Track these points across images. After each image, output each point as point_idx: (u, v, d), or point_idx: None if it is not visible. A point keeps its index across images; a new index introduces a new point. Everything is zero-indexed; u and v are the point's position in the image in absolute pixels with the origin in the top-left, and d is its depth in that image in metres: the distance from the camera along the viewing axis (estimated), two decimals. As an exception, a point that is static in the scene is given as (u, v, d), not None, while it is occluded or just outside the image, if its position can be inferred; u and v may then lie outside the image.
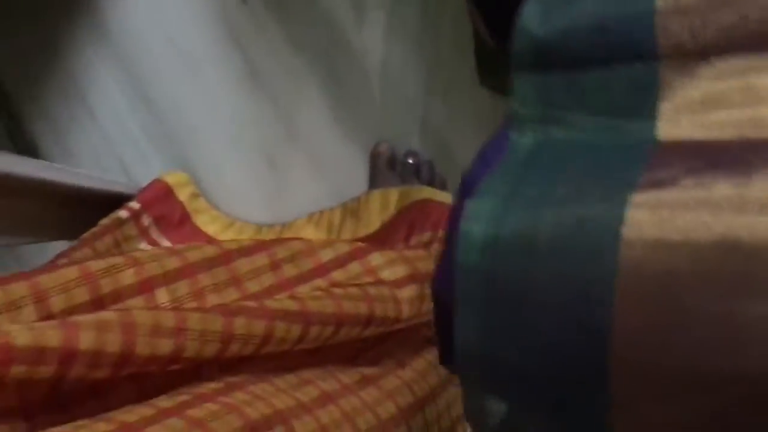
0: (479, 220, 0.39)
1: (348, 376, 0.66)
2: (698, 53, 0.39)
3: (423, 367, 0.76)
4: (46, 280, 0.53)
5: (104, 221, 0.94)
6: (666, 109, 0.39)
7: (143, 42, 1.09)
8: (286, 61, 1.07)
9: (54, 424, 0.47)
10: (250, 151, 1.10)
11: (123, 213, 0.96)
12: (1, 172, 0.80)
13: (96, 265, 0.57)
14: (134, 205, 0.98)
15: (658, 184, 0.35)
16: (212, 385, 0.56)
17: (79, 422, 0.47)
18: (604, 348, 0.34)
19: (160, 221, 0.99)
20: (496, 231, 0.38)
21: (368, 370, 0.69)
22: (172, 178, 1.05)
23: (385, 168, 1.04)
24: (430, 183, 1.03)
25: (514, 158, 0.43)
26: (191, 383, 0.57)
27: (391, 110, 1.07)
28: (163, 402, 0.52)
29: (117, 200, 0.99)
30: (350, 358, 0.71)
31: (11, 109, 1.12)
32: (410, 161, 1.04)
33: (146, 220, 0.98)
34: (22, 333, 0.45)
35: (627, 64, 0.41)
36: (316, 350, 0.68)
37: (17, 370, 0.45)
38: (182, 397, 0.53)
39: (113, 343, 0.49)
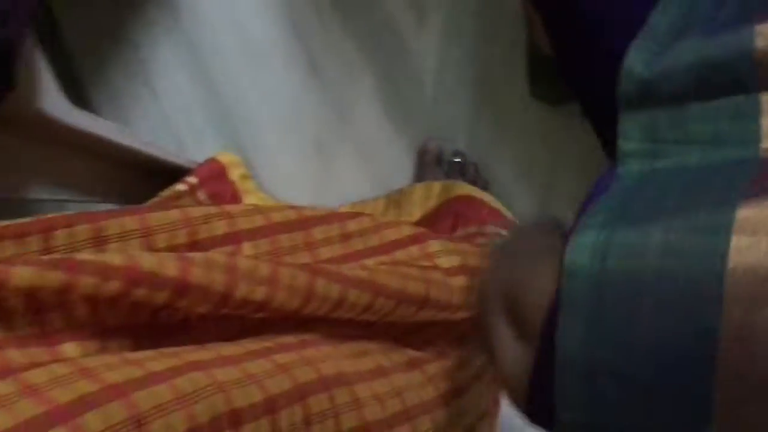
0: (590, 230, 0.40)
1: (397, 356, 0.69)
2: None
3: (460, 359, 0.78)
4: (153, 218, 0.56)
5: (164, 193, 0.97)
6: (765, 132, 0.41)
7: (210, 26, 1.12)
8: (345, 55, 1.11)
9: (153, 349, 0.50)
10: (302, 138, 1.12)
11: (181, 186, 0.98)
12: (80, 130, 0.83)
13: (195, 211, 0.59)
14: (192, 179, 1.00)
15: (763, 194, 0.36)
16: (289, 338, 0.58)
17: (184, 347, 0.50)
18: (713, 347, 0.34)
19: (214, 198, 1.01)
20: (608, 237, 0.39)
21: (413, 354, 0.72)
22: (225, 158, 1.07)
23: (432, 165, 1.07)
24: (474, 184, 1.06)
25: (621, 185, 0.45)
26: (269, 334, 0.60)
27: (442, 111, 1.10)
28: (250, 344, 0.54)
29: (172, 172, 1.02)
30: (398, 339, 0.74)
31: (76, 78, 1.15)
32: (457, 160, 1.07)
33: (201, 195, 1.00)
34: (146, 259, 0.48)
35: (729, 96, 0.43)
36: (371, 326, 0.71)
37: (139, 292, 0.47)
38: (266, 343, 0.55)
39: (219, 282, 0.52)
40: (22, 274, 0.42)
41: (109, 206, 1.06)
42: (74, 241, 0.51)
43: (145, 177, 1.01)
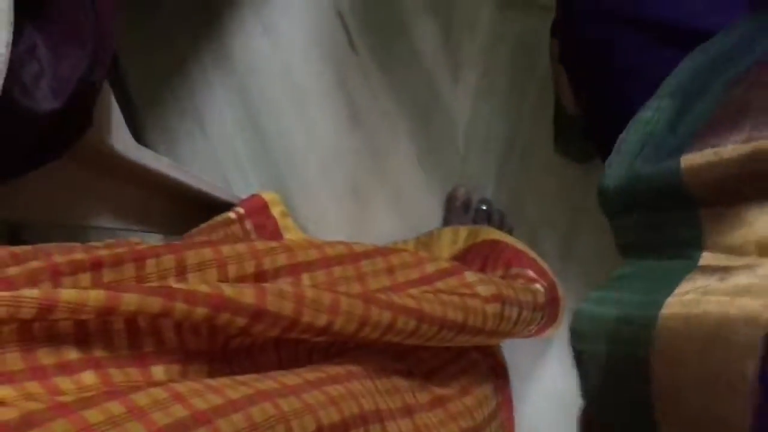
0: (589, 307, 0.52)
1: (422, 396, 0.71)
2: (722, 201, 0.47)
3: (482, 396, 0.81)
4: (226, 250, 0.59)
5: (217, 218, 1.01)
6: (706, 242, 0.48)
7: (260, 74, 1.17)
8: (383, 105, 1.15)
9: (223, 374, 0.53)
10: (340, 181, 1.16)
11: (231, 214, 1.03)
12: (143, 165, 0.87)
13: (261, 245, 0.63)
14: (239, 210, 1.04)
15: (683, 293, 0.45)
16: (338, 369, 0.61)
17: (251, 375, 0.52)
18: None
19: (258, 229, 1.05)
20: (598, 315, 0.51)
21: (439, 391, 0.74)
22: (267, 195, 1.11)
23: (460, 210, 1.10)
24: (499, 230, 1.09)
25: (612, 278, 0.54)
26: (320, 362, 0.63)
27: (471, 161, 1.13)
28: (307, 374, 0.57)
29: (219, 206, 1.06)
30: (428, 373, 0.76)
31: (133, 116, 1.19)
32: (483, 208, 1.10)
33: (248, 225, 1.04)
34: (228, 288, 0.51)
35: (672, 210, 0.50)
36: (406, 358, 0.74)
37: (222, 317, 0.50)
38: (319, 374, 0.58)
39: (288, 309, 0.55)
40: (129, 300, 0.45)
41: (158, 236, 1.09)
42: (162, 269, 0.54)
43: (193, 209, 1.05)
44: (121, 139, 0.82)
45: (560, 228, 1.13)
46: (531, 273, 0.95)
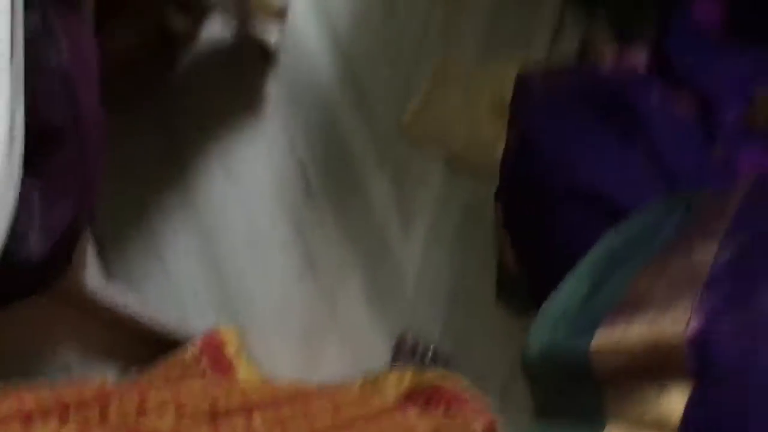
0: None
1: None
2: (625, 380, 0.52)
3: None
4: (183, 392, 0.64)
5: (175, 354, 1.04)
6: (609, 417, 0.52)
7: (222, 219, 1.24)
8: (337, 253, 1.22)
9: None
10: (292, 324, 1.22)
11: (187, 353, 1.06)
12: (109, 302, 0.92)
13: (216, 386, 0.68)
14: (195, 348, 1.08)
15: None
16: None
17: None
18: None
19: (214, 366, 1.09)
20: None
21: None
22: (224, 333, 1.15)
23: (407, 354, 1.16)
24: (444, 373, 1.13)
25: None
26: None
27: (419, 308, 1.20)
28: None
29: (176, 343, 1.10)
30: None
31: (98, 255, 1.24)
32: (430, 352, 1.16)
33: (204, 363, 1.08)
34: (186, 426, 0.56)
35: (579, 384, 0.54)
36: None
37: None
38: None
39: None
40: None
41: (114, 369, 1.12)
42: (124, 411, 0.59)
43: (154, 343, 1.09)
44: (93, 277, 0.87)
45: (502, 372, 1.19)
46: (472, 412, 0.99)
